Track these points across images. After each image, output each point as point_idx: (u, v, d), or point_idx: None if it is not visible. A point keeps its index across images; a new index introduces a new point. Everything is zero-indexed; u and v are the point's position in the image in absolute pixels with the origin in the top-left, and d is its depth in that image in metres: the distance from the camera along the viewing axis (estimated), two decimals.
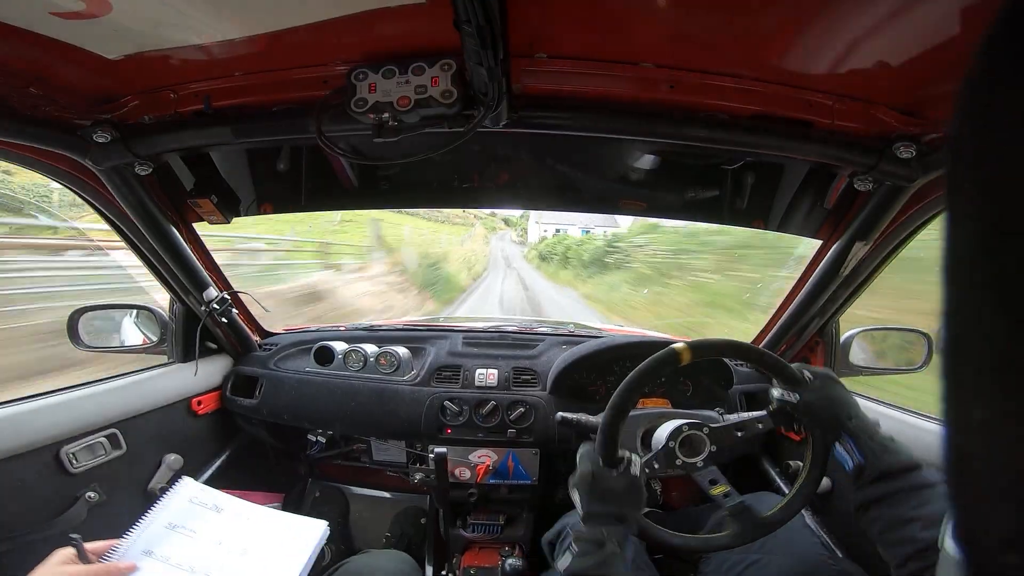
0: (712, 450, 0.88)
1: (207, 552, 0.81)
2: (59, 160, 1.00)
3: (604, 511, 0.78)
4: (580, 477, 0.82)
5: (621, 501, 0.79)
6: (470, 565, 1.53)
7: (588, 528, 0.78)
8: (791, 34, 0.71)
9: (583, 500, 0.80)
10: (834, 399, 0.84)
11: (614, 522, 0.77)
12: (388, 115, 0.81)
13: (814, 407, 0.83)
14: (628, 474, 0.81)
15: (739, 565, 0.98)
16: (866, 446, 0.77)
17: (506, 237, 39.90)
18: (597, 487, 0.80)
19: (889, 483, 0.74)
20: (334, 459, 1.77)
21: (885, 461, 0.75)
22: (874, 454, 0.76)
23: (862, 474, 0.76)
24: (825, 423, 0.82)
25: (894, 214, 1.05)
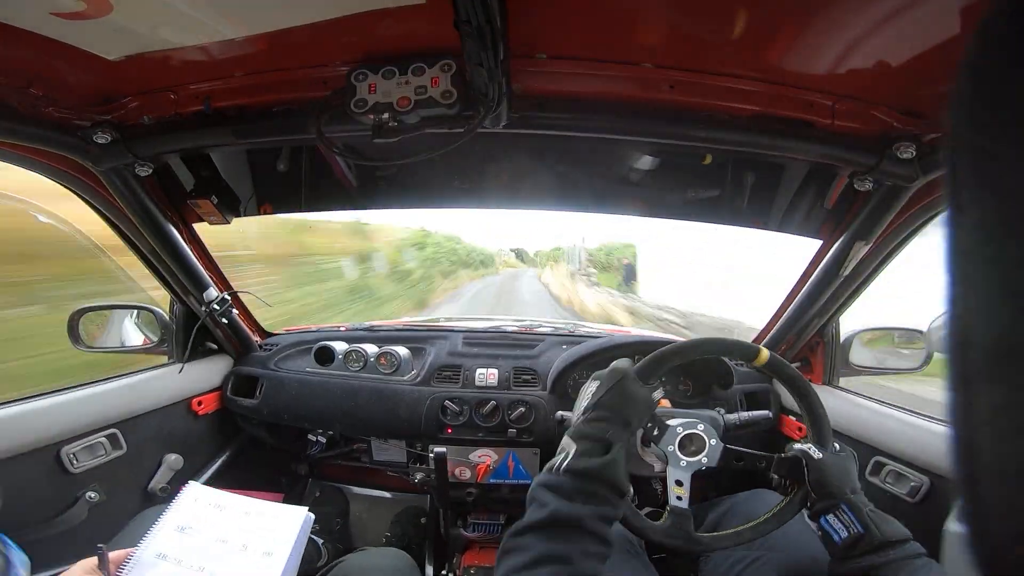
0: (703, 461, 0.89)
1: (213, 550, 0.84)
2: (59, 160, 1.00)
3: (617, 406, 0.77)
4: (611, 371, 0.82)
5: (635, 407, 0.78)
6: (470, 565, 1.54)
7: (592, 425, 0.76)
8: (791, 34, 0.71)
9: (600, 390, 0.79)
10: (848, 471, 0.85)
11: (621, 423, 0.76)
12: (388, 116, 0.81)
13: (829, 471, 0.84)
14: (651, 392, 0.82)
15: (741, 563, 0.98)
16: (868, 517, 0.78)
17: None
18: (622, 385, 0.79)
19: (887, 552, 0.75)
20: (334, 459, 1.77)
21: (885, 531, 0.76)
22: (875, 525, 0.76)
23: (858, 544, 0.77)
24: (830, 490, 0.82)
25: (894, 214, 1.05)
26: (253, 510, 0.92)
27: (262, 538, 0.87)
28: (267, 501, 0.94)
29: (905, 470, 1.11)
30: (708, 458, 0.89)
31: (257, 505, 0.93)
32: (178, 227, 1.25)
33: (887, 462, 1.15)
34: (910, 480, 1.09)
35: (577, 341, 1.59)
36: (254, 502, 0.93)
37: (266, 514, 0.92)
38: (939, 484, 1.05)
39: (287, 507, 0.93)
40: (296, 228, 7.75)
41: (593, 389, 0.82)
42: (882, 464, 1.16)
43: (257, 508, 0.92)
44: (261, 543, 0.86)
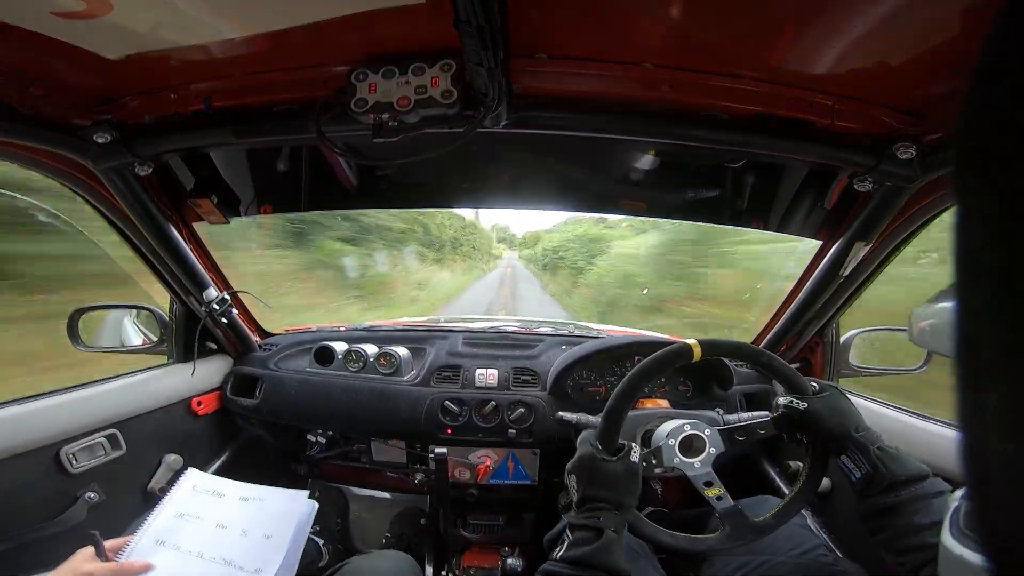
0: (711, 452, 0.89)
1: (212, 536, 0.84)
2: (59, 160, 1.00)
3: (601, 495, 0.78)
4: (579, 460, 0.82)
5: (619, 487, 0.79)
6: (470, 565, 1.53)
7: (583, 515, 0.78)
8: (791, 34, 0.71)
9: (580, 484, 0.80)
10: (841, 410, 0.85)
11: (610, 508, 0.77)
12: (388, 115, 0.81)
13: (821, 416, 0.84)
14: (627, 461, 0.81)
15: (745, 567, 0.98)
16: (875, 456, 0.77)
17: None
18: (596, 472, 0.79)
19: (900, 492, 0.74)
20: (334, 459, 1.77)
21: (895, 470, 0.76)
22: (884, 464, 0.76)
23: (871, 484, 0.76)
24: (831, 433, 0.82)
25: (894, 215, 1.05)
26: (252, 495, 0.92)
27: (261, 522, 0.87)
28: (266, 487, 0.94)
29: None
30: (714, 447, 0.89)
31: (256, 491, 0.93)
32: (178, 227, 1.24)
33: None
34: None
35: (576, 341, 1.59)
36: (253, 488, 0.94)
37: (266, 499, 0.92)
38: None
39: (287, 491, 0.94)
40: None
41: (573, 483, 0.82)
42: None
43: (256, 493, 0.93)
44: (261, 527, 0.86)
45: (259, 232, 7.13)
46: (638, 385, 0.85)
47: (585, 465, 0.80)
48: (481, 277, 23.65)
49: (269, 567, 0.81)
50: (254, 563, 0.81)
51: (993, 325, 0.21)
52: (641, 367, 0.86)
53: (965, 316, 0.22)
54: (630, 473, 0.81)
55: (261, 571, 0.80)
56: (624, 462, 0.81)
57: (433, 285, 14.67)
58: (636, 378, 0.85)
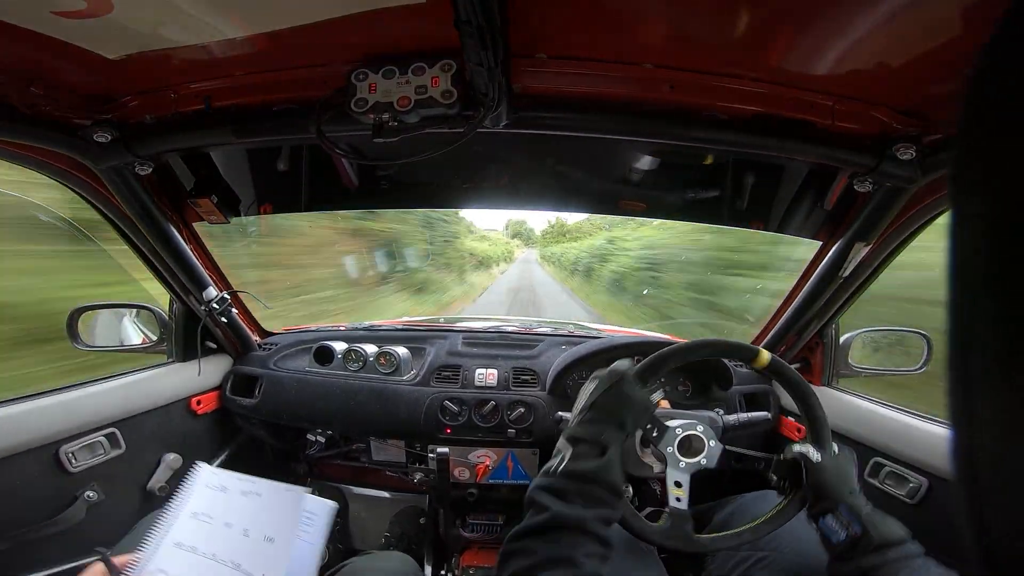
0: (701, 462, 0.89)
1: (222, 536, 0.82)
2: (59, 160, 1.00)
3: (613, 408, 0.77)
4: (610, 372, 0.82)
5: (632, 410, 0.78)
6: (469, 565, 1.54)
7: (588, 427, 0.76)
8: (791, 34, 0.71)
9: (598, 390, 0.79)
10: (847, 473, 0.85)
11: (616, 425, 0.76)
12: (388, 115, 0.81)
13: (828, 473, 0.84)
14: (648, 396, 0.81)
15: (746, 562, 0.99)
16: (867, 518, 0.78)
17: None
18: (620, 387, 0.79)
19: (886, 552, 0.75)
20: (333, 459, 1.77)
21: (883, 532, 0.76)
22: (874, 525, 0.76)
23: (856, 545, 0.76)
24: (829, 491, 0.83)
25: (894, 215, 1.04)
26: (251, 489, 0.89)
27: (262, 522, 0.85)
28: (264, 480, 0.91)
29: (904, 471, 1.11)
30: (707, 459, 0.89)
31: (254, 484, 0.90)
32: (178, 226, 1.25)
33: (886, 463, 1.15)
34: (909, 481, 1.09)
35: (576, 341, 1.59)
36: (251, 481, 0.90)
37: (263, 494, 0.89)
38: (938, 485, 1.05)
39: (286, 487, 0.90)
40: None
41: (591, 389, 0.82)
42: (881, 465, 1.16)
43: (255, 488, 0.90)
44: (261, 528, 0.84)
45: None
46: (697, 352, 0.87)
47: (613, 377, 0.80)
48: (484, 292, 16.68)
49: (273, 571, 0.78)
50: (259, 568, 0.79)
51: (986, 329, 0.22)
52: (710, 340, 0.88)
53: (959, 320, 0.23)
54: (644, 406, 0.81)
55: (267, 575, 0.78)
56: (647, 394, 0.81)
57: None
58: (700, 344, 0.87)
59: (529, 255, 43.55)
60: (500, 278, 24.41)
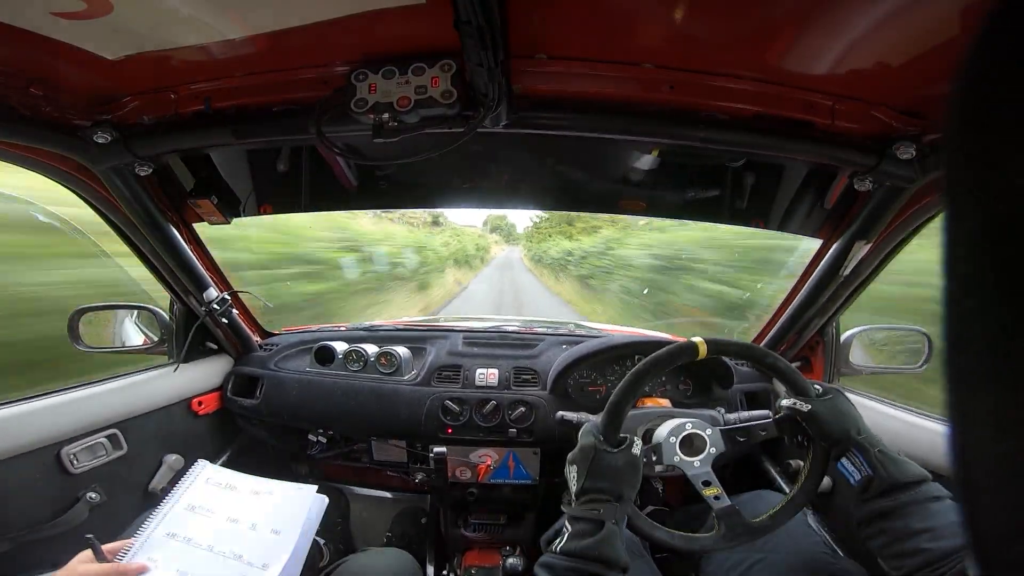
0: (711, 452, 0.89)
1: (223, 529, 0.84)
2: (59, 160, 1.00)
3: (601, 487, 0.78)
4: (581, 450, 0.82)
5: (620, 478, 0.79)
6: (471, 565, 1.54)
7: (583, 507, 0.78)
8: (791, 34, 0.71)
9: (581, 475, 0.80)
10: (843, 412, 0.85)
11: (610, 500, 0.77)
12: (388, 115, 0.81)
13: (823, 418, 0.84)
14: (629, 453, 0.81)
15: (742, 564, 0.98)
16: (875, 459, 0.77)
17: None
18: (597, 463, 0.79)
19: (898, 495, 0.74)
20: (334, 459, 1.77)
21: (895, 473, 0.75)
22: (883, 466, 0.76)
23: (870, 487, 0.76)
24: (833, 435, 0.82)
25: (894, 214, 1.05)
26: (263, 489, 0.92)
27: (271, 517, 0.87)
28: (277, 481, 0.94)
29: None
30: (715, 447, 0.89)
31: (267, 485, 0.93)
32: (178, 227, 1.25)
33: None
34: None
35: (577, 341, 1.59)
36: (264, 482, 0.94)
37: (276, 493, 0.92)
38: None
39: (297, 486, 0.93)
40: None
41: (574, 474, 0.82)
42: None
43: (267, 488, 0.93)
44: (270, 522, 0.86)
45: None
46: (642, 380, 0.85)
47: (587, 456, 0.80)
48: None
49: (276, 562, 0.81)
50: (262, 558, 0.81)
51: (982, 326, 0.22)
52: (646, 362, 0.86)
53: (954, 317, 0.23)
54: (631, 466, 0.81)
55: (268, 566, 0.80)
56: (625, 454, 0.81)
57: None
58: (641, 373, 0.85)
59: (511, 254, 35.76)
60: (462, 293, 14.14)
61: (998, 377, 0.21)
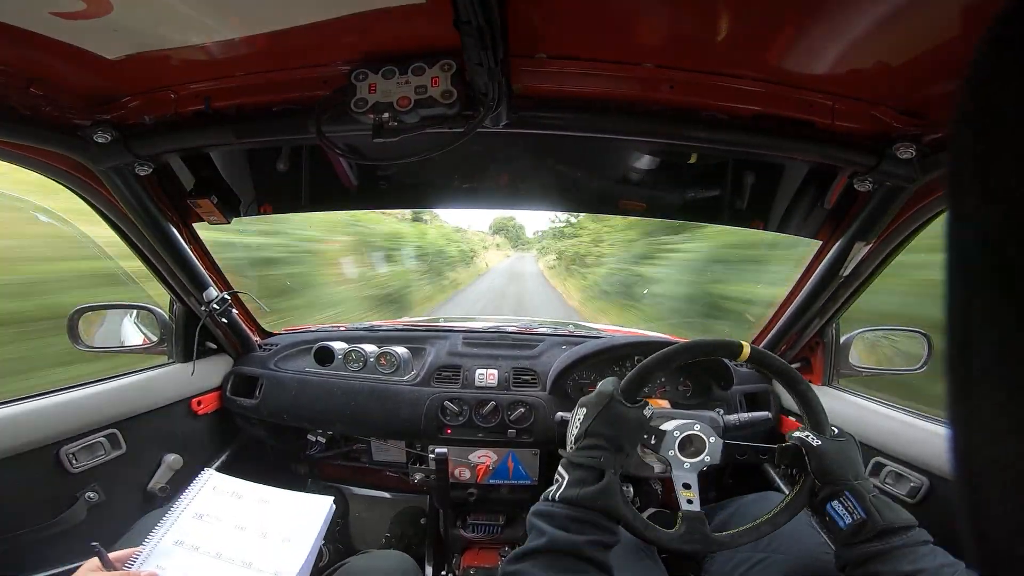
0: (705, 459, 0.89)
1: (231, 537, 0.84)
2: (59, 160, 1.00)
3: (605, 433, 0.77)
4: (596, 396, 0.82)
5: (625, 430, 0.78)
6: (470, 565, 1.53)
7: (582, 452, 0.76)
8: (791, 34, 0.71)
9: (588, 418, 0.79)
10: (849, 457, 0.85)
11: (610, 448, 0.76)
12: (388, 115, 0.81)
13: (829, 457, 0.84)
14: (640, 412, 0.81)
15: (744, 564, 0.98)
16: (870, 503, 0.77)
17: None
18: (609, 410, 0.79)
19: (889, 539, 0.75)
20: (334, 459, 1.77)
21: (887, 518, 0.76)
22: (878, 511, 0.76)
23: (862, 530, 0.76)
24: (833, 476, 0.82)
25: (894, 214, 1.05)
26: (272, 498, 0.92)
27: (281, 525, 0.87)
28: (286, 491, 0.94)
29: (905, 471, 1.11)
30: (710, 456, 0.89)
31: (276, 494, 0.93)
32: (178, 227, 1.25)
33: (887, 463, 1.15)
34: (910, 481, 1.09)
35: (577, 341, 1.59)
36: (273, 491, 0.93)
37: (287, 502, 0.92)
38: (939, 485, 1.05)
39: (309, 496, 0.93)
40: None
41: (581, 416, 0.82)
42: (882, 465, 1.16)
43: (276, 497, 0.92)
44: (280, 530, 0.86)
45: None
46: (678, 357, 0.86)
47: (601, 401, 0.80)
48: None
49: (288, 570, 0.80)
50: (273, 566, 0.81)
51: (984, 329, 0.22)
52: (689, 343, 0.87)
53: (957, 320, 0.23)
54: (638, 423, 0.81)
55: (280, 574, 0.80)
56: (637, 411, 0.81)
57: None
58: (680, 349, 0.86)
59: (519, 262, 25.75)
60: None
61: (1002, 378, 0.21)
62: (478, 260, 22.02)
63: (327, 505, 0.92)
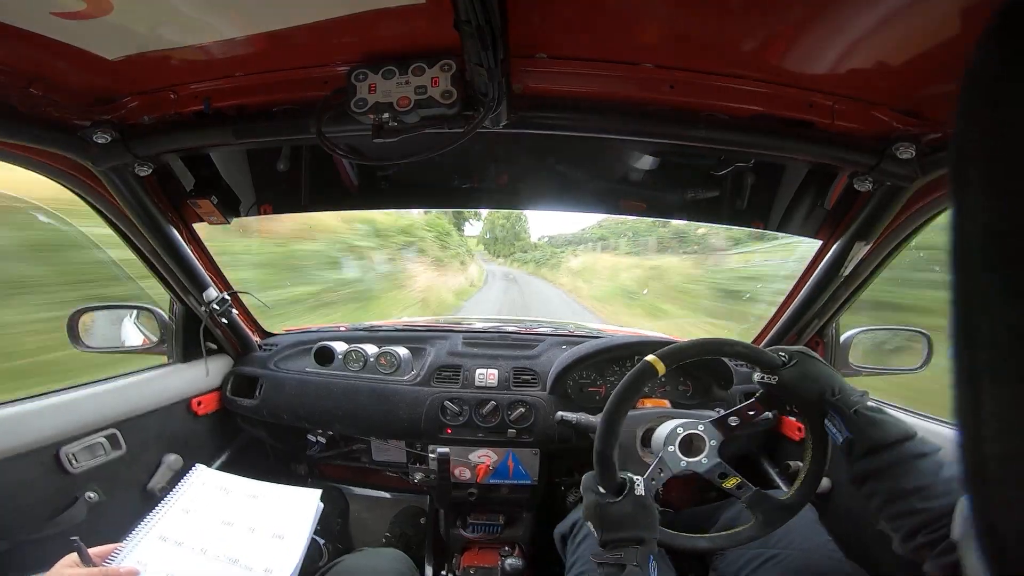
0: (712, 444, 0.88)
1: (217, 533, 0.83)
2: (59, 160, 1.00)
3: (620, 537, 0.77)
4: (587, 508, 0.82)
5: (634, 524, 0.78)
6: (470, 565, 1.53)
7: (607, 554, 0.77)
8: (791, 34, 0.71)
9: (598, 530, 0.80)
10: (812, 375, 0.82)
11: (633, 545, 0.77)
12: (388, 115, 0.81)
13: (793, 385, 0.82)
14: (633, 496, 0.80)
15: (754, 561, 0.98)
16: (851, 420, 0.75)
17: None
18: (607, 515, 0.79)
19: (879, 457, 0.72)
20: (334, 459, 1.77)
21: (872, 434, 0.73)
22: (859, 428, 0.74)
23: (853, 448, 0.75)
24: (807, 400, 0.81)
25: (894, 214, 1.05)
26: (261, 493, 0.91)
27: (271, 521, 0.86)
28: (275, 485, 0.92)
29: None
30: (713, 439, 0.88)
31: (265, 488, 0.92)
32: (178, 227, 1.25)
33: None
34: None
35: (577, 341, 1.59)
36: (261, 485, 0.92)
37: (274, 497, 0.90)
38: None
39: (297, 489, 0.92)
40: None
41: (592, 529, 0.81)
42: None
43: (264, 491, 0.91)
44: (270, 526, 0.85)
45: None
46: (617, 419, 0.83)
47: (595, 512, 0.80)
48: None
49: (281, 569, 0.79)
50: (263, 563, 0.79)
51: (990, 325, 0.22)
52: (612, 400, 0.83)
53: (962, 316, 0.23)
54: (640, 507, 0.80)
55: (271, 571, 0.78)
56: (630, 499, 0.79)
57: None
58: (612, 412, 0.83)
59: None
60: None
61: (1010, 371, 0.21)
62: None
63: (315, 499, 0.90)
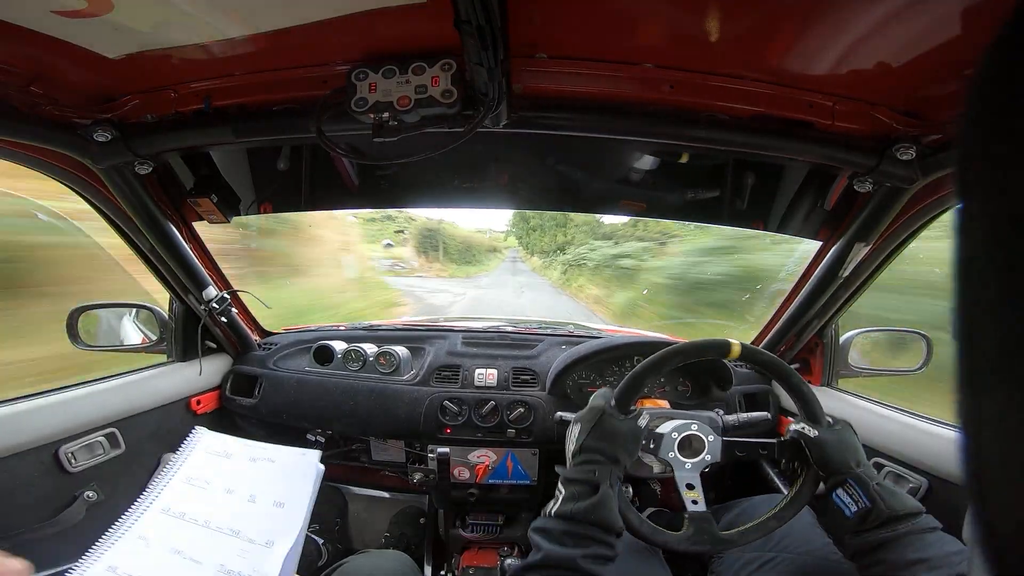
0: (705, 458, 0.89)
1: (220, 503, 0.79)
2: (59, 159, 1.00)
3: (599, 447, 0.78)
4: (589, 410, 0.83)
5: (619, 443, 0.80)
6: (469, 565, 1.53)
7: (578, 468, 0.78)
8: (791, 35, 0.71)
9: (583, 434, 0.80)
10: (849, 445, 0.85)
11: (605, 462, 0.77)
12: (388, 115, 0.81)
13: (829, 447, 0.84)
14: (634, 423, 0.82)
15: (753, 563, 0.98)
16: (874, 491, 0.77)
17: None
18: (602, 425, 0.80)
19: (895, 527, 0.74)
20: (333, 459, 1.77)
21: (892, 505, 0.76)
22: (882, 499, 0.76)
23: (867, 518, 0.76)
24: (834, 464, 0.83)
25: (894, 215, 1.05)
26: (261, 456, 0.85)
27: (273, 488, 0.81)
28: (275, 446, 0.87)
29: (904, 471, 1.11)
30: (711, 455, 0.89)
31: (265, 451, 0.86)
32: (178, 226, 1.25)
33: (886, 463, 1.15)
34: (909, 482, 1.09)
35: (576, 341, 1.59)
36: (262, 447, 0.86)
37: (276, 460, 0.85)
38: (938, 486, 1.05)
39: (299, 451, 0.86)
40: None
41: (576, 432, 0.82)
42: (881, 465, 1.16)
43: (266, 454, 0.85)
44: (271, 494, 0.80)
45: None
46: (669, 361, 0.86)
47: (594, 416, 0.81)
48: None
49: (283, 539, 0.74)
50: (265, 534, 0.74)
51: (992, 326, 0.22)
52: (679, 346, 0.87)
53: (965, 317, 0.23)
54: (632, 434, 0.82)
55: (273, 543, 0.74)
56: (631, 423, 0.82)
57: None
58: (671, 353, 0.86)
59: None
60: None
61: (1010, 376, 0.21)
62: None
63: (315, 460, 0.84)
